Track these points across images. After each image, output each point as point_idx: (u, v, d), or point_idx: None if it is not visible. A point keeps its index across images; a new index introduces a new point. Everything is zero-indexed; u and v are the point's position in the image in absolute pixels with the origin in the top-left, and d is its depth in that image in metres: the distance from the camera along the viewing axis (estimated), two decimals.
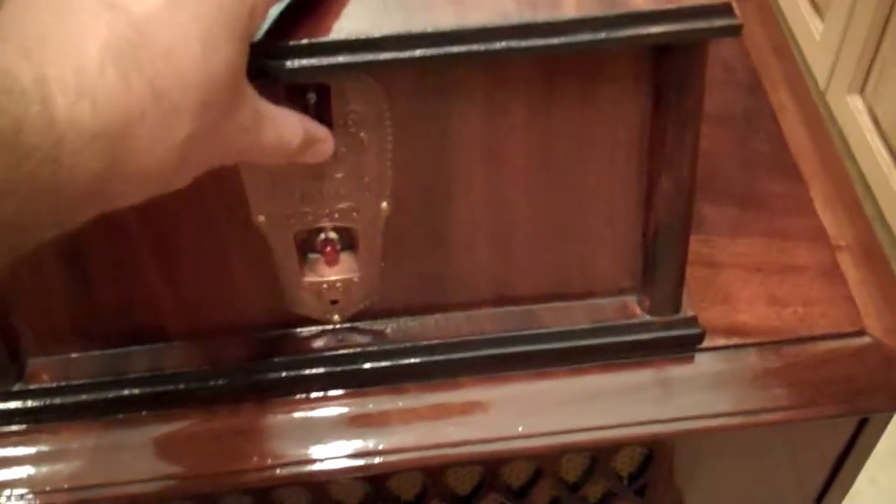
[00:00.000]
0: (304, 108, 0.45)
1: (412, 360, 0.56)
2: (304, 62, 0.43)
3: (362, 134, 0.48)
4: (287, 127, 0.42)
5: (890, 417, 0.63)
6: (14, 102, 0.29)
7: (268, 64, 0.42)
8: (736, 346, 0.59)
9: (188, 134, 0.35)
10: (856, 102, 1.65)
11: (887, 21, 1.52)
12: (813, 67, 1.74)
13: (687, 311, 0.58)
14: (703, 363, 0.59)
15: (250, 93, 0.39)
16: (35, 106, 0.30)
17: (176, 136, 0.34)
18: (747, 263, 0.63)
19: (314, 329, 0.56)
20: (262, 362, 0.55)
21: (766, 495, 0.72)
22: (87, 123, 0.31)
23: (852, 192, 0.70)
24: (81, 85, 0.31)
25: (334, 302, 0.55)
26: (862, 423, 0.64)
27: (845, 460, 0.67)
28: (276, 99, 0.41)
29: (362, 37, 0.43)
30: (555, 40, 0.44)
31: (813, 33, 1.71)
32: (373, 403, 0.56)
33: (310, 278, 0.54)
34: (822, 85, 1.71)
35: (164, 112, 0.33)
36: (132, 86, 0.32)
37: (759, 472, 0.68)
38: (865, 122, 1.63)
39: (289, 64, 0.43)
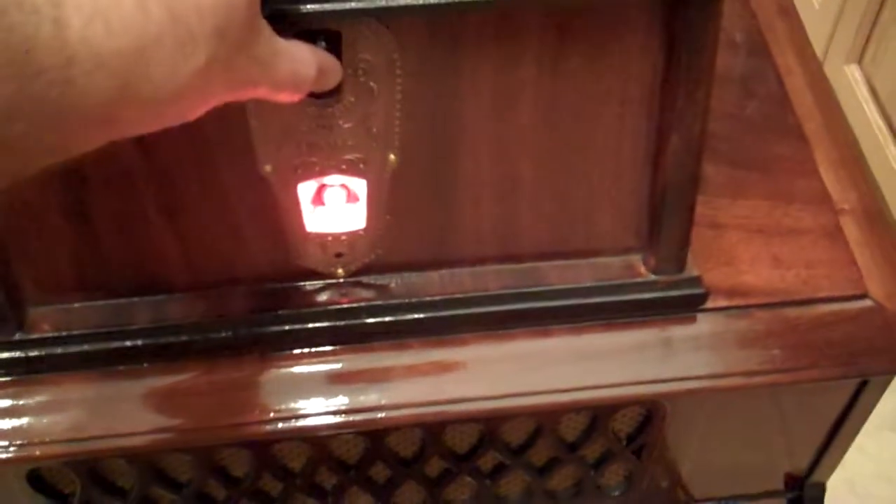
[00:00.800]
0: None
1: (415, 316, 0.56)
2: (316, 7, 0.42)
3: (372, 83, 0.47)
4: (301, 62, 0.41)
5: (889, 380, 0.64)
6: (25, 19, 0.28)
7: (280, 8, 0.41)
8: (739, 307, 0.59)
9: (203, 62, 0.34)
10: (853, 72, 1.64)
11: None
12: (811, 36, 1.73)
13: (691, 271, 0.58)
14: (706, 323, 0.59)
15: (266, 30, 0.38)
16: (47, 25, 0.29)
17: (190, 64, 0.34)
18: (751, 225, 0.63)
19: (318, 283, 0.56)
20: (266, 315, 0.55)
21: (759, 463, 0.72)
22: (100, 45, 0.30)
23: (856, 156, 0.70)
24: (97, 4, 0.30)
25: (339, 255, 0.55)
26: (860, 387, 0.64)
27: (842, 425, 0.67)
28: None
29: None
30: None
31: (812, 1, 1.70)
32: (375, 359, 0.56)
33: (315, 231, 0.53)
34: (819, 54, 1.71)
35: (181, 38, 0.33)
36: (150, 9, 0.32)
37: (755, 438, 0.68)
38: (863, 92, 1.62)
39: (301, 9, 0.42)
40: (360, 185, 0.52)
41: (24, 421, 0.54)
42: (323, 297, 0.56)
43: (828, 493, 0.75)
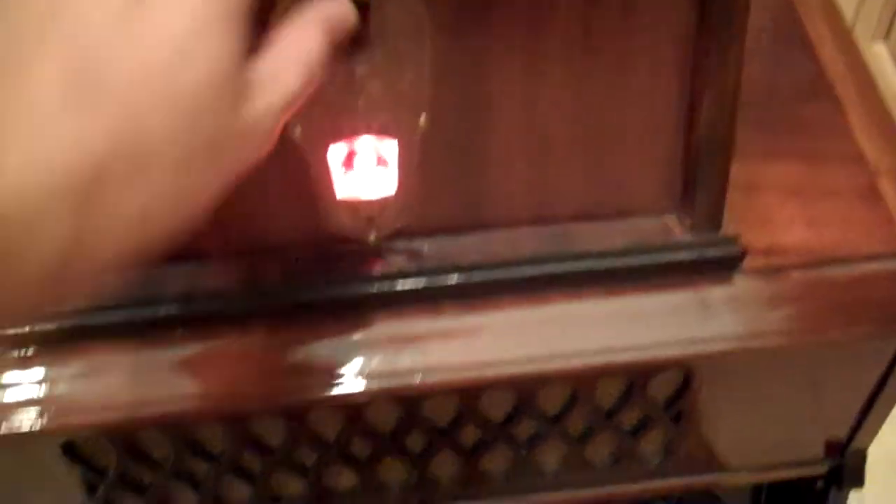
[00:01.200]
0: None
1: (449, 280, 0.55)
2: None
3: (401, 44, 0.47)
4: (292, 61, 0.38)
5: None
6: None
7: None
8: (776, 268, 0.58)
9: (171, 177, 0.31)
10: (881, 50, 1.62)
11: None
12: None
13: (727, 231, 0.57)
14: (743, 284, 0.58)
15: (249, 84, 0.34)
16: None
17: (157, 181, 0.30)
18: (785, 186, 0.62)
19: (350, 249, 0.56)
20: (298, 282, 0.55)
21: (798, 430, 0.71)
22: (40, 191, 0.27)
23: (889, 119, 0.69)
24: (33, 145, 0.27)
25: (370, 220, 0.54)
26: None
27: (883, 388, 0.66)
28: None
29: None
30: None
31: None
32: (409, 324, 0.56)
33: (346, 196, 0.53)
34: None
35: (138, 155, 0.29)
36: (93, 132, 0.28)
37: (792, 404, 0.68)
38: (890, 69, 1.60)
39: None
40: (390, 148, 0.52)
41: (58, 391, 0.54)
42: (355, 263, 0.56)
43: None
